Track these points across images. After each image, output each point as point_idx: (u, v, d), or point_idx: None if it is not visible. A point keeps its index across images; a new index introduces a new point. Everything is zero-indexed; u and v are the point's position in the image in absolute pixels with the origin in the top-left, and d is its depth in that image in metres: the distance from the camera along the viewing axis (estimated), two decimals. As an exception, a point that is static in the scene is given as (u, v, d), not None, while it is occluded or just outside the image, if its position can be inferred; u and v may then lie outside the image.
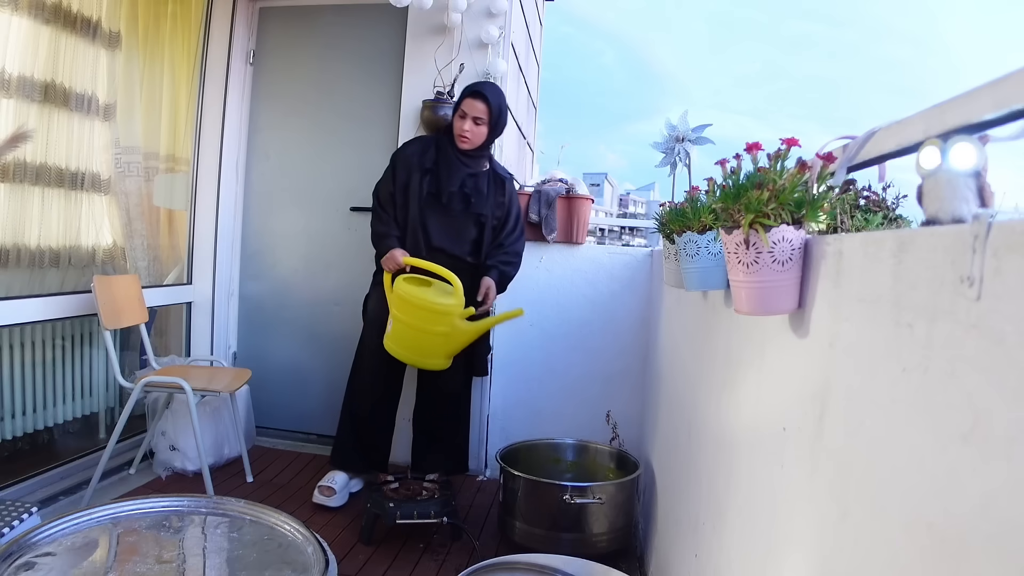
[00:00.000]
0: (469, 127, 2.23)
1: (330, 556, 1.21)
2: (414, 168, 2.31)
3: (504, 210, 2.39)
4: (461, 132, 2.24)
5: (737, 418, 1.08)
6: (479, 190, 2.32)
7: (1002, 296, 0.41)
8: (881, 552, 0.55)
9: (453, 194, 2.29)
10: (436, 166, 2.30)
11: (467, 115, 2.22)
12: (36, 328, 2.29)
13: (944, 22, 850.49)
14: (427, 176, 2.31)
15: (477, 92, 2.23)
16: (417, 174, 2.30)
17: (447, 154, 2.30)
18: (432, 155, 2.32)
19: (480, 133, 2.25)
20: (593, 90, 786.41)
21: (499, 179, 2.38)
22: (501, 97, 2.28)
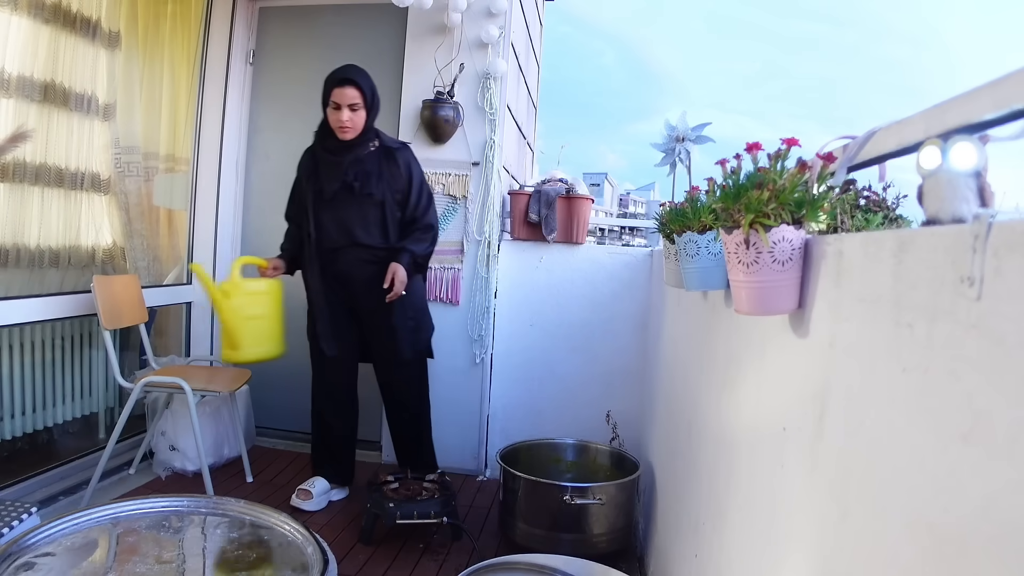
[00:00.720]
0: (347, 117, 2.14)
1: (330, 556, 1.21)
2: (303, 179, 2.32)
3: (403, 182, 2.27)
4: (340, 124, 2.15)
5: (737, 418, 1.08)
6: (365, 172, 2.22)
7: (1002, 296, 0.41)
8: (881, 552, 0.55)
9: (336, 191, 2.22)
10: (315, 171, 2.27)
11: (340, 105, 2.13)
12: (36, 328, 2.29)
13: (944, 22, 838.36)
14: (310, 181, 2.28)
15: (344, 79, 2.13)
16: (306, 183, 2.30)
17: (320, 155, 2.26)
18: (311, 164, 2.29)
19: (359, 119, 2.16)
20: (593, 90, 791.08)
21: (388, 152, 2.26)
22: (368, 76, 2.19)
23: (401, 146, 2.32)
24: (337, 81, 2.12)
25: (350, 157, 2.21)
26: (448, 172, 2.77)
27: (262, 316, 2.28)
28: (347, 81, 2.12)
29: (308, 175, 2.28)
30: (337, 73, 2.16)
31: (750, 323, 1.01)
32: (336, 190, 2.21)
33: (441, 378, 2.82)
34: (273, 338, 2.34)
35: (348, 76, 2.13)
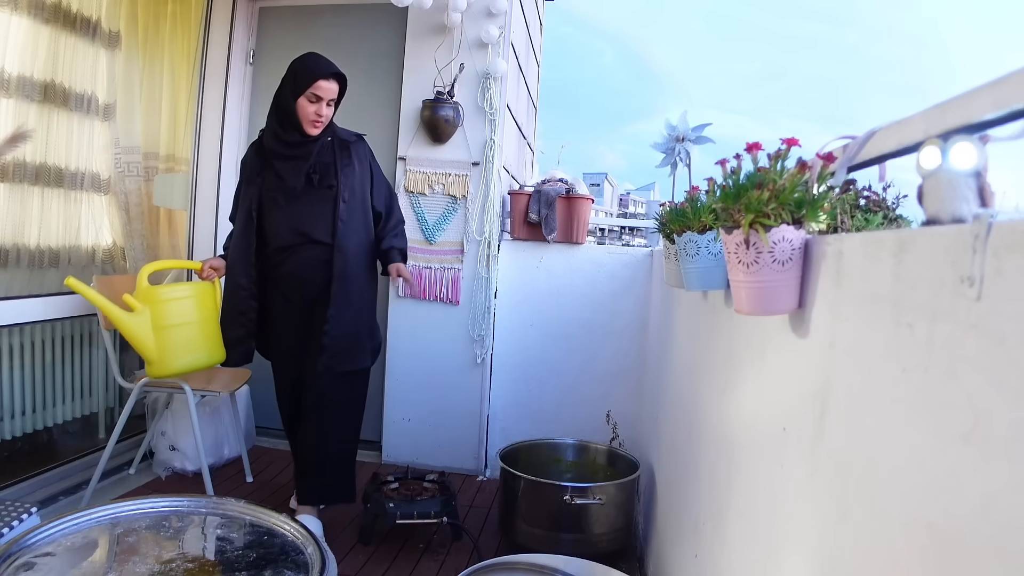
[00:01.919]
0: (325, 111, 2.02)
1: (329, 556, 1.21)
2: (253, 177, 2.11)
3: (363, 176, 2.15)
4: (316, 118, 2.01)
5: (737, 418, 1.08)
6: (323, 164, 2.09)
7: (1002, 296, 0.41)
8: (881, 552, 0.55)
9: (302, 187, 2.07)
10: (265, 168, 2.09)
11: (322, 99, 2.00)
12: (36, 328, 2.29)
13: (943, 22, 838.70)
14: (263, 178, 2.09)
15: (333, 73, 2.01)
16: (253, 181, 2.11)
17: (276, 151, 2.07)
18: (257, 163, 2.11)
19: (331, 114, 2.06)
20: (593, 90, 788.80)
21: (343, 144, 2.13)
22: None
23: (356, 138, 2.19)
24: (325, 74, 2.00)
25: (314, 150, 2.07)
26: (448, 172, 2.77)
27: (189, 323, 2.08)
28: (336, 76, 2.02)
29: (256, 172, 2.10)
30: (324, 66, 2.02)
31: (750, 323, 1.01)
32: (302, 186, 2.07)
33: (441, 378, 2.82)
34: (207, 344, 2.12)
35: (337, 70, 2.03)
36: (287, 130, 2.05)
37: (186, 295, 2.11)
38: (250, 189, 2.11)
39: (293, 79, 2.02)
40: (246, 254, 2.09)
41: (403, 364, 2.84)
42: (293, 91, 2.01)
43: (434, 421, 2.84)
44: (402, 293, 2.06)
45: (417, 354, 2.82)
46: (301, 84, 1.99)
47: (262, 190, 2.08)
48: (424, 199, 2.79)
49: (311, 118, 2.01)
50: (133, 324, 2.01)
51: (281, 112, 2.05)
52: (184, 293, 2.12)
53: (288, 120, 2.03)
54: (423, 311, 2.81)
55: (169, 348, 2.05)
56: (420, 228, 2.80)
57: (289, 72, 2.05)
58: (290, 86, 2.01)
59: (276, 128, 2.06)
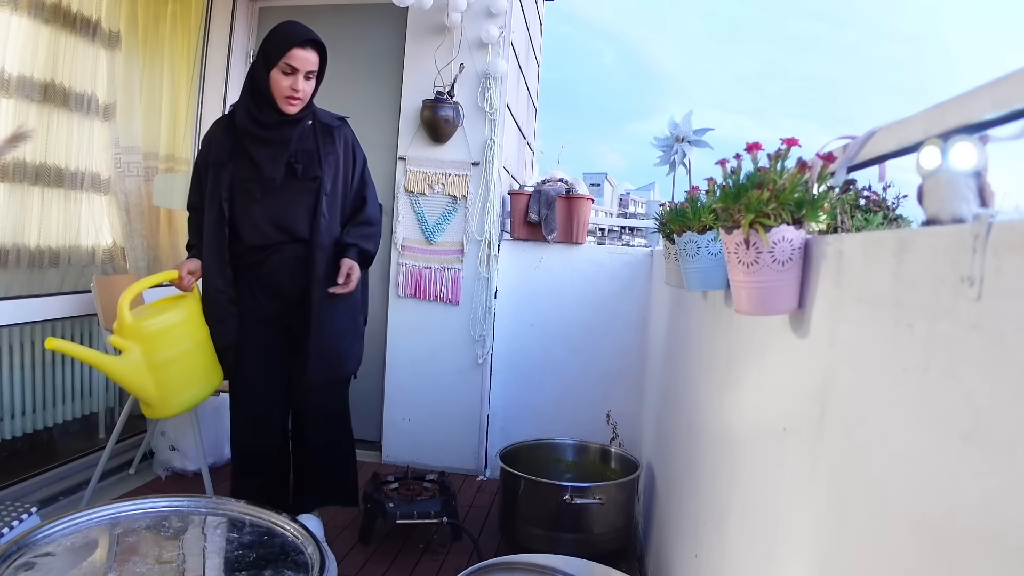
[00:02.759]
0: (302, 86, 1.77)
1: (329, 556, 1.21)
2: (218, 161, 1.85)
3: (345, 165, 1.93)
4: (291, 94, 1.76)
5: (737, 418, 1.08)
6: (306, 152, 1.86)
7: (1002, 296, 0.41)
8: (881, 552, 0.55)
9: (282, 177, 1.85)
10: (237, 152, 1.84)
11: (298, 70, 1.75)
12: (36, 328, 2.29)
13: (943, 22, 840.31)
14: (235, 164, 1.84)
15: (309, 40, 1.77)
16: (223, 165, 1.84)
17: (249, 132, 1.81)
18: (227, 143, 1.85)
19: (310, 89, 1.81)
20: (593, 90, 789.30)
21: (326, 129, 1.91)
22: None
23: (340, 122, 1.96)
24: (299, 41, 1.75)
25: (294, 134, 1.83)
26: (448, 172, 2.77)
27: (185, 352, 1.81)
28: (311, 43, 1.77)
29: (226, 156, 1.84)
30: (297, 31, 1.77)
31: (750, 323, 1.01)
32: (282, 176, 1.84)
33: (441, 378, 2.82)
34: (206, 369, 1.88)
35: (312, 37, 1.78)
36: (262, 108, 1.79)
37: (176, 320, 1.82)
38: (220, 175, 1.84)
39: (265, 50, 1.78)
40: (219, 252, 1.85)
41: (403, 364, 2.84)
42: (265, 63, 1.76)
43: (434, 421, 2.84)
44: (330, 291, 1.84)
45: (417, 354, 2.82)
46: (273, 54, 1.75)
47: (234, 179, 1.83)
48: (424, 199, 2.79)
49: (286, 93, 1.76)
50: (125, 369, 1.74)
51: (254, 88, 1.80)
52: (174, 319, 1.82)
53: (262, 97, 1.79)
54: (423, 311, 2.81)
55: (169, 386, 1.80)
56: (420, 228, 2.80)
57: (262, 43, 1.81)
58: (262, 58, 1.77)
59: (250, 106, 1.80)
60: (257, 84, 1.80)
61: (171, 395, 1.81)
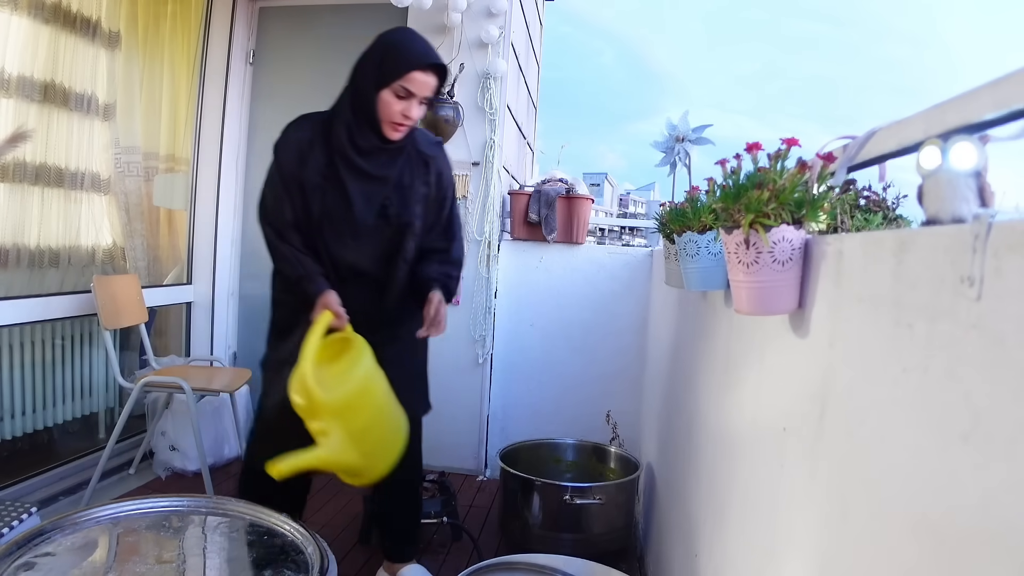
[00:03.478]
0: (416, 113, 1.53)
1: (330, 556, 1.21)
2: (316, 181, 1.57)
3: (434, 199, 1.68)
4: (402, 120, 1.52)
5: (737, 418, 1.08)
6: (401, 188, 1.62)
7: (1002, 296, 0.41)
8: (881, 552, 0.55)
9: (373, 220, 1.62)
10: (337, 181, 1.57)
11: (414, 96, 1.50)
12: (36, 328, 2.29)
13: (943, 22, 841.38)
14: (326, 193, 1.58)
15: (435, 64, 1.52)
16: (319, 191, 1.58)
17: (346, 158, 1.55)
18: (321, 159, 1.57)
19: (422, 115, 1.58)
20: (593, 90, 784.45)
21: (422, 159, 1.65)
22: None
23: (438, 150, 1.70)
24: (424, 64, 1.49)
25: (394, 171, 1.60)
26: (448, 172, 2.77)
27: (379, 406, 1.52)
28: (437, 67, 1.52)
29: (320, 177, 1.57)
30: (420, 51, 1.51)
31: (750, 323, 1.01)
32: (373, 221, 1.60)
33: (442, 378, 2.81)
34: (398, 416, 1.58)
35: (437, 60, 1.52)
36: (362, 130, 1.54)
37: (361, 376, 1.47)
38: (311, 199, 1.57)
39: (379, 63, 1.51)
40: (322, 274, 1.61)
41: (403, 364, 2.83)
42: (377, 79, 1.50)
43: (434, 421, 2.81)
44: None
45: (417, 354, 2.82)
46: (389, 72, 1.49)
47: (324, 208, 1.58)
48: (424, 199, 2.79)
49: (394, 119, 1.51)
50: (333, 454, 1.41)
51: (357, 103, 1.53)
52: (359, 376, 1.47)
53: (364, 116, 1.53)
54: (423, 311, 2.81)
55: (373, 450, 1.51)
56: (420, 228, 2.80)
57: (375, 50, 1.54)
58: (374, 71, 1.51)
59: (351, 123, 1.55)
60: (361, 100, 1.52)
61: (377, 459, 1.53)
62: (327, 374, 1.46)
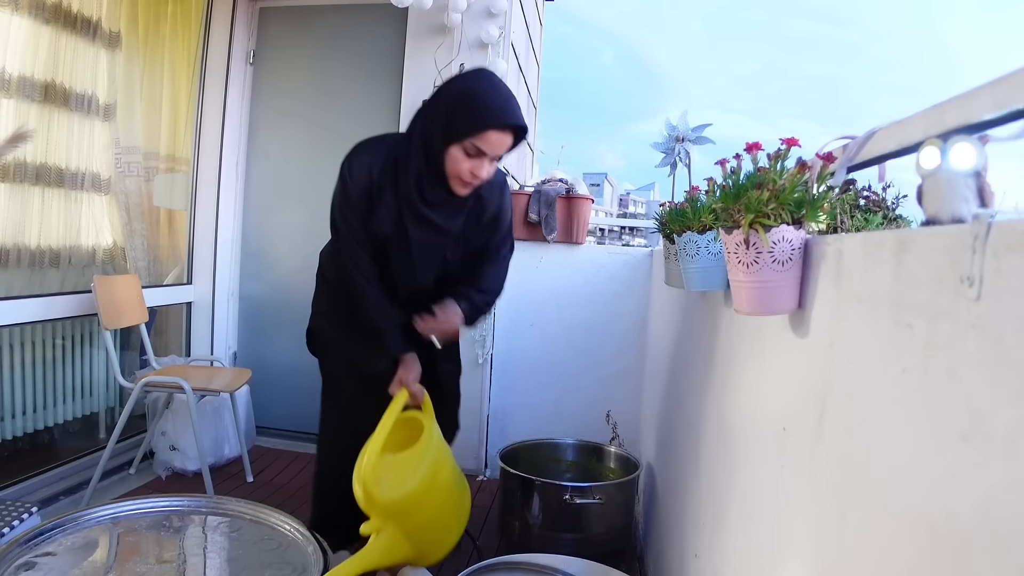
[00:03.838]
0: (486, 172, 1.43)
1: (329, 556, 1.21)
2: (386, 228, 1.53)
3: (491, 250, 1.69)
4: (471, 179, 1.43)
5: (737, 418, 1.08)
6: (465, 239, 1.63)
7: (1002, 296, 0.41)
8: (881, 552, 0.55)
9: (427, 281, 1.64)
10: (403, 229, 1.52)
11: (486, 155, 1.40)
12: (36, 328, 2.30)
13: (943, 22, 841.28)
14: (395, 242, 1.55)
15: (515, 126, 1.41)
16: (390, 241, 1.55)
17: (414, 208, 1.49)
18: (391, 206, 1.50)
19: (491, 172, 1.47)
20: (592, 90, 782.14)
21: (484, 203, 1.61)
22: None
23: (501, 194, 1.65)
24: (502, 124, 1.38)
25: (459, 222, 1.56)
26: (448, 172, 2.77)
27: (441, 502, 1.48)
28: (516, 129, 1.41)
29: (391, 225, 1.52)
30: (499, 111, 1.38)
31: (750, 323, 1.01)
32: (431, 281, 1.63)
33: (441, 378, 2.82)
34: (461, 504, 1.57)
35: (520, 121, 1.41)
36: (431, 182, 1.46)
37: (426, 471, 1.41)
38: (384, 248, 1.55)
39: (451, 116, 1.39)
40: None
41: (403, 364, 2.83)
42: (447, 133, 1.39)
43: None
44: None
45: (417, 354, 2.82)
46: (461, 128, 1.38)
47: (389, 249, 1.55)
48: (424, 199, 2.79)
49: (464, 177, 1.42)
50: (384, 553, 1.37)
51: (428, 151, 1.44)
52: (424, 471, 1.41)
53: (434, 167, 1.44)
54: (423, 311, 2.81)
55: (427, 544, 1.48)
56: (420, 228, 2.80)
57: (447, 99, 1.41)
58: (445, 122, 1.39)
59: (421, 172, 1.45)
60: (430, 150, 1.43)
61: (432, 550, 1.51)
62: (391, 467, 1.38)
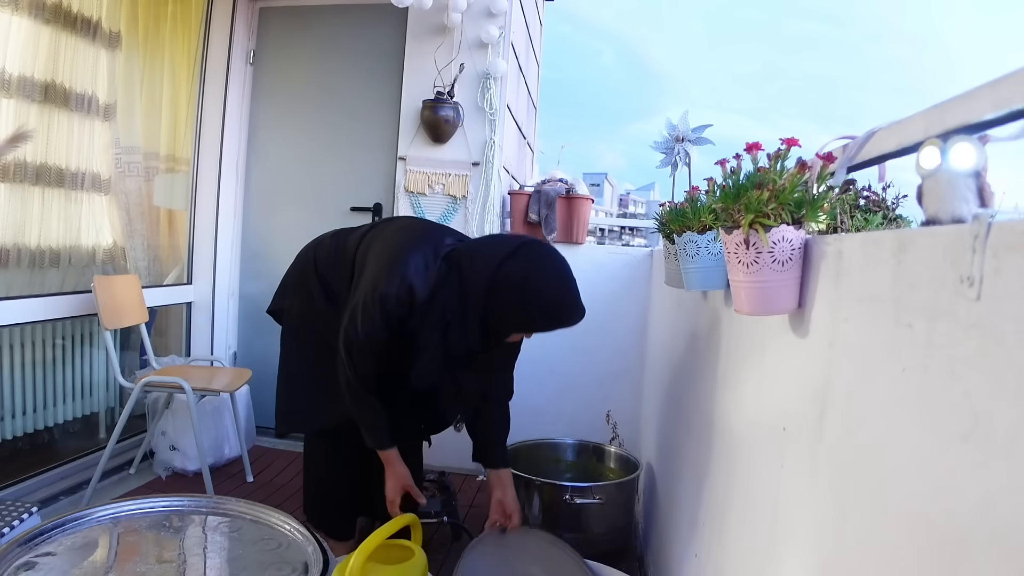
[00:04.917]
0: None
1: (330, 556, 1.21)
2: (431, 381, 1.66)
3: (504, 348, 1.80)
4: (516, 340, 1.72)
5: (737, 418, 1.08)
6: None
7: (1002, 296, 0.41)
8: (881, 552, 0.55)
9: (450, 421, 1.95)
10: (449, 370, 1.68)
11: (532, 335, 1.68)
12: (36, 328, 2.30)
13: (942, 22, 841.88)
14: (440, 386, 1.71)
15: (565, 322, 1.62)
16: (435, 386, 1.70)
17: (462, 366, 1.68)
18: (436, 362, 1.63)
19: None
20: (592, 90, 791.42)
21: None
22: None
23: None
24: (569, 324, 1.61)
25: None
26: (448, 172, 2.77)
27: None
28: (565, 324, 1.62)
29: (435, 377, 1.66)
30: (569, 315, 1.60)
31: (750, 323, 1.01)
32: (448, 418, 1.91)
33: (441, 378, 2.82)
34: None
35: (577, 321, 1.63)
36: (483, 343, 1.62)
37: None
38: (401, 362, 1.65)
39: (530, 315, 1.57)
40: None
41: (403, 364, 2.83)
42: (520, 325, 1.59)
43: (434, 421, 2.84)
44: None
45: (417, 354, 2.82)
46: (535, 326, 1.61)
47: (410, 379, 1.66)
48: (424, 199, 2.79)
49: (513, 340, 1.69)
50: None
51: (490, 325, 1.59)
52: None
53: (492, 337, 1.62)
54: (423, 311, 2.81)
55: None
56: (420, 228, 2.80)
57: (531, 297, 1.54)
58: (521, 316, 1.57)
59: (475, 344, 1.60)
60: (496, 327, 1.59)
61: None
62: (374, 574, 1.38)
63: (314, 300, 1.78)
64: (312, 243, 1.91)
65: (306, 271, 1.83)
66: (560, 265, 1.59)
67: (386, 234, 1.72)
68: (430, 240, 1.62)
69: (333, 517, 1.89)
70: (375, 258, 1.63)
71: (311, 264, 1.83)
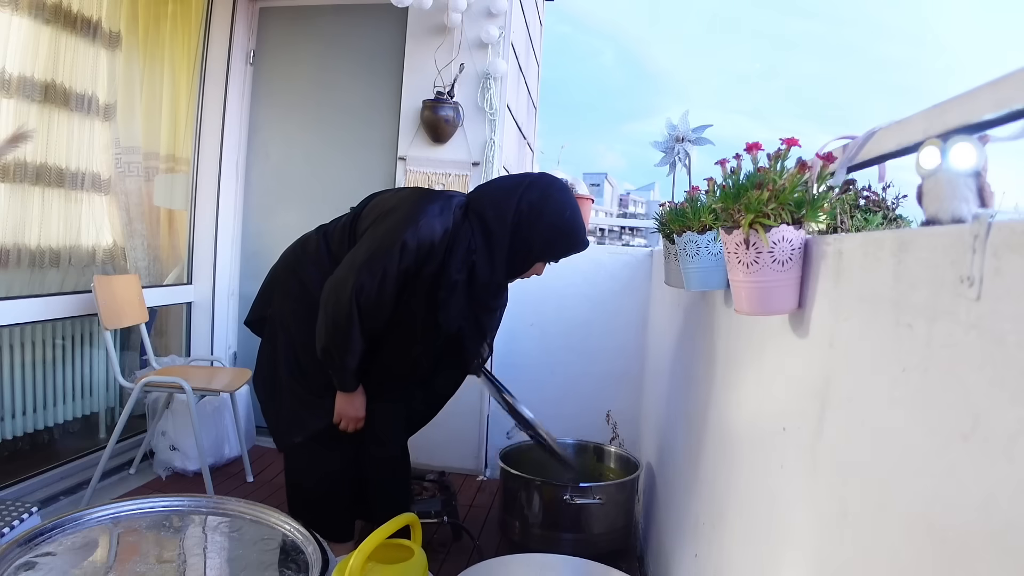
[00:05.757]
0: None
1: (330, 556, 1.21)
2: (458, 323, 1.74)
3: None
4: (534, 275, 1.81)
5: (737, 418, 1.08)
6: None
7: (1002, 296, 0.41)
8: (881, 552, 0.55)
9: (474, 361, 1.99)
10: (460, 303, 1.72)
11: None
12: (36, 328, 2.30)
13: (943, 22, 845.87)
14: (463, 330, 1.80)
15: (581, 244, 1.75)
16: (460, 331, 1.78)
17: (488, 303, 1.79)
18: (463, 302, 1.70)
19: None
20: (592, 90, 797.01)
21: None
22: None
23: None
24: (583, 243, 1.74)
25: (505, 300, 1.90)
26: (448, 172, 2.77)
27: None
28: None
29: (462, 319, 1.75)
30: (585, 240, 1.75)
31: (750, 323, 1.01)
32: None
33: (441, 378, 2.82)
34: None
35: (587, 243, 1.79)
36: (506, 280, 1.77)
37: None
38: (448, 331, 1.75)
39: (552, 243, 1.69)
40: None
41: (403, 364, 2.83)
42: (543, 253, 1.71)
43: (434, 420, 2.83)
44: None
45: (417, 354, 2.82)
46: (558, 252, 1.72)
47: (449, 337, 1.77)
48: (424, 199, 2.79)
49: (533, 275, 1.80)
50: None
51: (516, 260, 1.70)
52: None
53: (515, 270, 1.73)
54: (423, 311, 2.81)
55: None
56: (420, 228, 2.80)
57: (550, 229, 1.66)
58: (545, 246, 1.68)
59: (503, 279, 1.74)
60: (521, 260, 1.70)
61: None
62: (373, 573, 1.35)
63: (309, 293, 1.76)
64: (296, 242, 1.92)
65: (296, 265, 1.83)
66: (568, 194, 1.72)
67: (387, 195, 1.79)
68: (437, 195, 1.71)
69: (333, 519, 1.89)
70: (383, 216, 1.67)
71: (300, 258, 1.84)
